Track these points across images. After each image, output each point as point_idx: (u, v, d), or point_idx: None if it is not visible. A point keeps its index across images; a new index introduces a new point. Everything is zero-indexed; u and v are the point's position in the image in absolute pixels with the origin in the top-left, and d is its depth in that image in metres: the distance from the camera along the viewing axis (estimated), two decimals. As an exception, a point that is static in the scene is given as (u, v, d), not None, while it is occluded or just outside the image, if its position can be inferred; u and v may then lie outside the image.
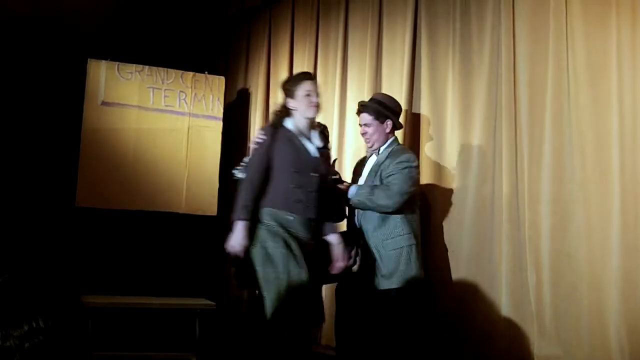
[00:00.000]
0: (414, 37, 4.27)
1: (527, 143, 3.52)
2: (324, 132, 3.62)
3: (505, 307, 3.53)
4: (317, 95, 3.18)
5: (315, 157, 3.19)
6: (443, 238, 3.87)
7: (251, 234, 3.03)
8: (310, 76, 3.27)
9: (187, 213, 5.23)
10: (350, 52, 4.77)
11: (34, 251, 5.02)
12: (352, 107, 4.69)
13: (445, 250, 3.85)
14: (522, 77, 3.58)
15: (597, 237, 3.20)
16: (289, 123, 3.16)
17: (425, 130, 4.10)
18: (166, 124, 5.24)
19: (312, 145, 3.20)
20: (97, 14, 5.54)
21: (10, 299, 1.17)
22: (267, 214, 3.03)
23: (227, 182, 5.53)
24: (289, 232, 3.02)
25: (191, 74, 5.38)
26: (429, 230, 3.85)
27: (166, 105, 5.27)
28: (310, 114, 3.16)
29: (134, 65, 5.24)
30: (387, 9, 4.52)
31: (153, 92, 5.25)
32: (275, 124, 3.17)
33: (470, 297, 3.68)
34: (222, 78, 5.52)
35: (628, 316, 3.06)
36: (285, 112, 3.18)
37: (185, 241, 5.41)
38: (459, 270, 3.77)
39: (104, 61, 5.16)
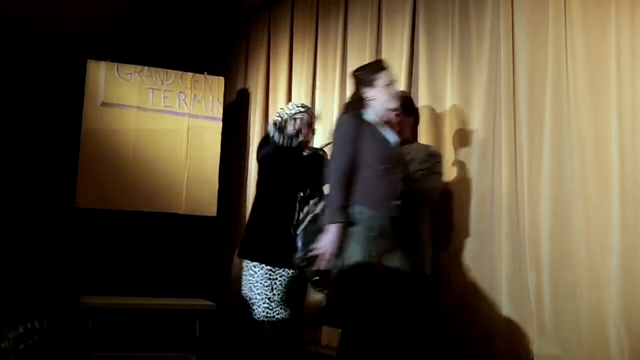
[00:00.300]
0: (413, 34, 4.27)
1: (526, 141, 3.52)
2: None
3: (505, 307, 3.53)
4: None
5: (397, 152, 3.07)
6: (442, 237, 3.87)
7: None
8: (388, 65, 3.08)
9: (186, 214, 5.23)
10: (349, 52, 4.78)
11: (34, 252, 5.03)
12: (351, 106, 4.69)
13: (445, 249, 3.85)
14: (521, 75, 3.58)
15: (596, 236, 3.20)
16: (369, 115, 2.98)
17: (423, 128, 4.09)
18: (166, 125, 5.25)
19: (393, 138, 3.05)
20: (96, 14, 5.54)
21: (6, 300, 1.17)
22: (356, 213, 2.84)
23: (227, 183, 5.54)
24: (377, 232, 2.85)
25: (190, 74, 5.39)
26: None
27: (166, 106, 5.27)
28: (392, 105, 3.01)
29: (133, 66, 5.24)
30: (386, 7, 4.52)
31: (152, 92, 5.25)
32: (358, 116, 2.96)
33: (470, 297, 3.68)
34: (222, 78, 5.52)
35: (628, 315, 3.06)
36: (361, 103, 2.99)
37: (185, 242, 5.41)
38: (459, 270, 3.76)
39: (103, 62, 5.17)
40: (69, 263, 5.00)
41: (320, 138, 4.67)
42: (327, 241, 2.81)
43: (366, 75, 3.01)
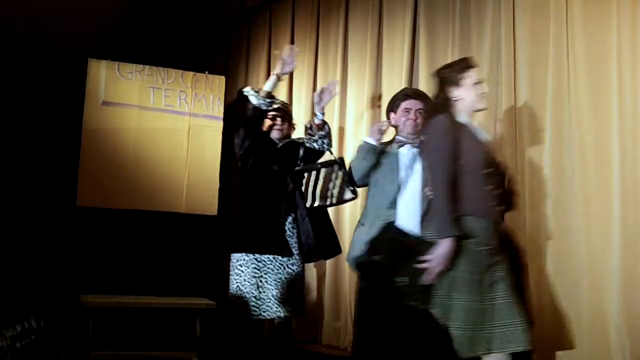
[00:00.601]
0: (414, 36, 4.28)
1: (527, 139, 3.52)
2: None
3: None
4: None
5: (492, 153, 2.82)
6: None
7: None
8: (475, 63, 2.85)
9: (187, 212, 5.23)
10: (350, 52, 4.78)
11: (35, 251, 5.02)
12: (352, 105, 4.69)
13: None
14: (522, 76, 3.58)
15: (597, 236, 3.20)
16: (461, 116, 2.74)
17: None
18: (166, 124, 5.24)
19: (488, 139, 2.84)
20: (97, 13, 5.54)
21: (4, 299, 1.18)
22: (466, 225, 2.58)
23: (227, 182, 5.54)
24: (488, 244, 2.60)
25: (191, 73, 5.38)
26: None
27: (166, 105, 5.27)
28: (480, 106, 2.78)
29: (134, 65, 5.24)
30: (387, 8, 4.53)
31: (153, 91, 5.25)
32: (452, 117, 2.71)
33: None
34: (222, 78, 5.52)
35: (628, 315, 3.06)
36: (447, 103, 2.75)
37: (186, 241, 5.41)
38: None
39: (104, 61, 5.16)
40: (69, 262, 5.00)
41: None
42: (440, 255, 2.52)
43: (452, 73, 2.78)
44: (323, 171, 3.47)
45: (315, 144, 3.52)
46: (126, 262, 5.15)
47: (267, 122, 3.60)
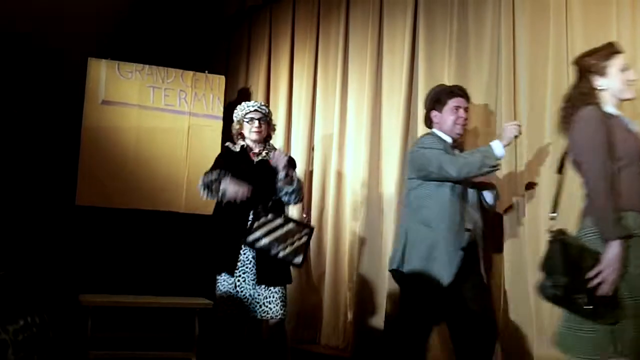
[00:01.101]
0: (414, 37, 4.27)
1: (526, 143, 3.51)
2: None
3: (506, 307, 3.52)
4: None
5: None
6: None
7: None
8: (621, 48, 2.63)
9: (187, 212, 5.23)
10: (350, 52, 4.78)
11: (34, 249, 5.02)
12: (352, 106, 4.69)
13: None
14: (521, 77, 3.58)
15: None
16: (608, 106, 2.55)
17: (422, 128, 4.08)
18: (166, 123, 5.25)
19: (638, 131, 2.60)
20: (97, 13, 5.54)
21: (7, 296, 1.20)
22: (630, 221, 2.36)
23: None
24: None
25: (191, 73, 5.39)
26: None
27: (166, 105, 5.28)
28: (628, 94, 2.58)
29: (134, 64, 5.24)
30: (387, 9, 4.53)
31: (153, 91, 5.25)
32: (600, 108, 2.51)
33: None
34: (222, 77, 5.53)
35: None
36: (591, 93, 2.56)
37: (185, 240, 5.41)
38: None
39: (104, 60, 5.17)
40: (68, 261, 4.99)
41: (323, 136, 4.66)
42: (611, 261, 2.29)
43: (596, 61, 2.59)
44: (290, 225, 3.41)
45: (285, 197, 3.49)
46: (125, 261, 5.14)
47: (246, 127, 3.60)
